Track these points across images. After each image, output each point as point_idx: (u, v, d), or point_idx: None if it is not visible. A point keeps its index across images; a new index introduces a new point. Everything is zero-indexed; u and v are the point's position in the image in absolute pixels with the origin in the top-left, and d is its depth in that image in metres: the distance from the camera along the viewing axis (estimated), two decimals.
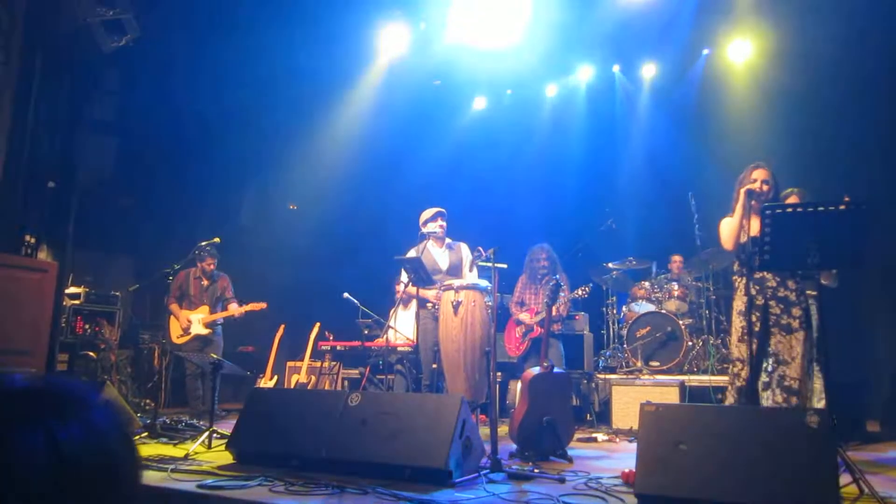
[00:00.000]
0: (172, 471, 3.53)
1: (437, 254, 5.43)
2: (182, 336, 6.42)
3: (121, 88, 8.71)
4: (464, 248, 5.60)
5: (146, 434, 4.80)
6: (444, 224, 5.45)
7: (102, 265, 9.05)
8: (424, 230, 5.45)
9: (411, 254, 5.34)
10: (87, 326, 6.83)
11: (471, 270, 5.46)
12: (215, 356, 5.09)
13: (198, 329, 6.40)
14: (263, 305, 6.45)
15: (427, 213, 5.48)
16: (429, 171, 9.59)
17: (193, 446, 4.29)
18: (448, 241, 5.55)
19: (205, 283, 6.61)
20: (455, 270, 5.36)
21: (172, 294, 6.48)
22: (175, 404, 7.29)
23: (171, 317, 6.50)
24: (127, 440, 0.88)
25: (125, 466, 0.86)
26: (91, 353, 6.69)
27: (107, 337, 6.83)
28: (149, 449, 4.39)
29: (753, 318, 3.83)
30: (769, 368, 3.83)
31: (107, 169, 8.92)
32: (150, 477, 3.43)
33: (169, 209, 9.30)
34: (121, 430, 0.87)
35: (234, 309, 6.46)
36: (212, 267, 6.60)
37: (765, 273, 3.88)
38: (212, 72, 8.58)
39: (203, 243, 6.01)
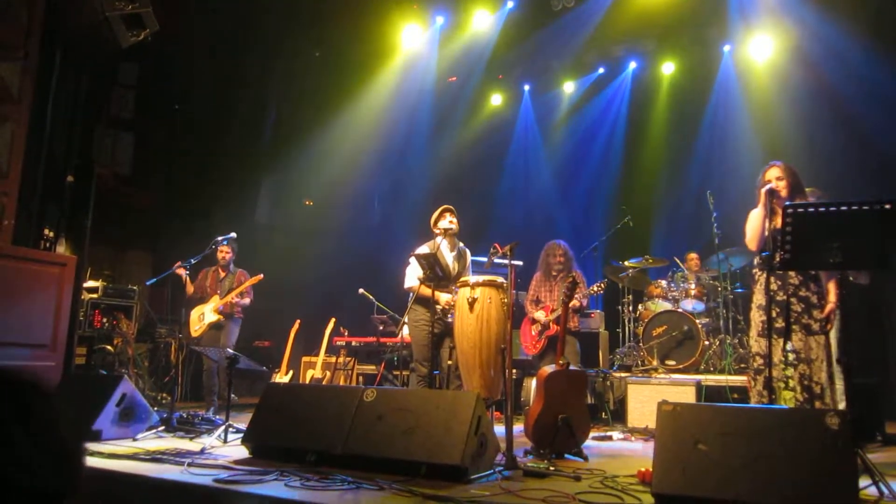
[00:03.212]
0: (189, 465, 3.56)
1: (448, 257, 5.39)
2: (198, 329, 6.43)
3: (139, 84, 8.79)
4: (468, 255, 5.59)
5: (162, 428, 4.84)
6: (455, 220, 5.42)
7: (120, 260, 9.15)
8: (436, 229, 5.43)
9: (424, 250, 5.31)
10: (104, 320, 6.89)
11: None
12: (230, 350, 5.11)
13: (210, 317, 6.38)
14: (259, 277, 6.40)
15: (436, 213, 5.47)
16: (445, 168, 9.58)
17: (209, 440, 4.32)
18: (460, 244, 5.52)
19: (221, 274, 6.59)
20: (459, 278, 5.29)
21: (196, 291, 6.57)
22: (192, 399, 7.34)
23: (191, 311, 6.52)
24: (76, 429, 0.86)
25: (75, 455, 0.85)
26: (109, 347, 6.75)
27: (124, 331, 6.89)
28: (165, 443, 4.43)
29: (774, 314, 3.78)
30: (791, 367, 3.79)
31: (125, 164, 9.00)
32: (167, 471, 3.45)
33: (187, 205, 9.36)
34: (67, 417, 0.86)
35: (234, 292, 6.38)
36: (227, 255, 6.55)
37: None
38: (228, 69, 8.62)
39: (219, 238, 6.03)
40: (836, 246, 3.20)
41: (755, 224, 3.98)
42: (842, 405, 4.02)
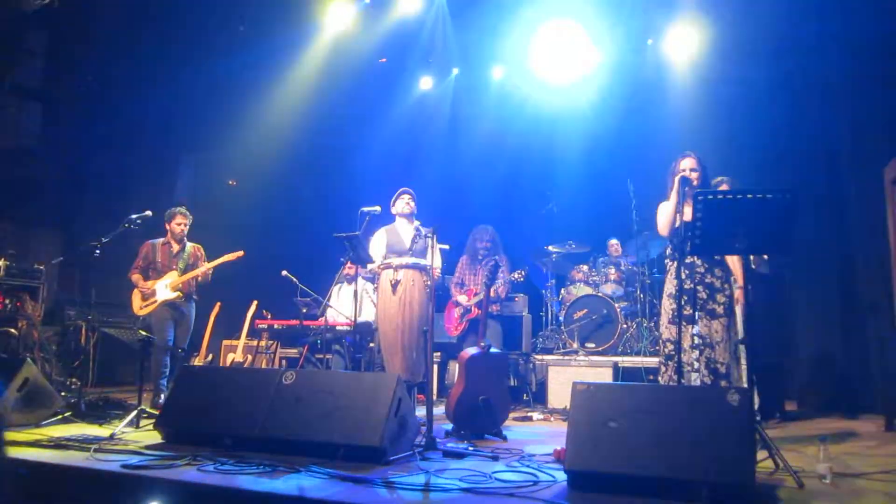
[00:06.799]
0: (95, 450, 3.41)
1: (405, 234, 5.36)
2: (145, 306, 5.86)
3: (49, 52, 8.25)
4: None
5: (70, 414, 4.62)
6: (412, 203, 5.42)
7: (27, 237, 8.61)
8: (393, 210, 5.41)
9: (379, 233, 5.31)
10: (7, 301, 6.47)
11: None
12: (146, 334, 4.90)
13: (164, 294, 5.84)
14: (240, 253, 6.00)
15: (394, 196, 5.47)
16: (371, 150, 9.48)
17: (120, 426, 4.16)
18: (417, 223, 5.49)
19: (175, 247, 6.08)
20: (420, 254, 5.23)
21: (135, 266, 6.00)
22: (102, 383, 7.02)
23: (134, 290, 5.98)
24: None
25: None
26: (11, 330, 6.35)
27: (29, 313, 6.49)
28: (72, 429, 4.23)
29: (683, 301, 3.96)
30: (697, 350, 3.97)
31: (32, 135, 8.45)
32: (71, 458, 3.30)
33: (100, 180, 8.90)
34: None
35: (203, 267, 5.95)
36: (181, 228, 6.08)
37: (695, 259, 4.00)
38: (148, 41, 8.21)
39: (134, 216, 5.75)
40: (741, 232, 3.37)
41: (668, 211, 4.13)
42: (744, 384, 4.25)
